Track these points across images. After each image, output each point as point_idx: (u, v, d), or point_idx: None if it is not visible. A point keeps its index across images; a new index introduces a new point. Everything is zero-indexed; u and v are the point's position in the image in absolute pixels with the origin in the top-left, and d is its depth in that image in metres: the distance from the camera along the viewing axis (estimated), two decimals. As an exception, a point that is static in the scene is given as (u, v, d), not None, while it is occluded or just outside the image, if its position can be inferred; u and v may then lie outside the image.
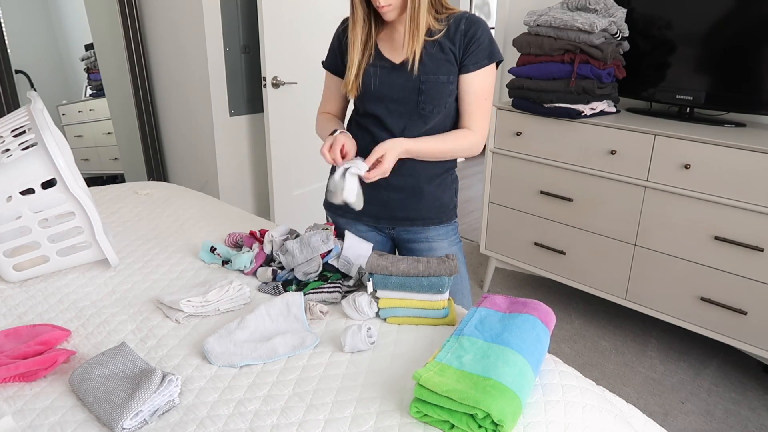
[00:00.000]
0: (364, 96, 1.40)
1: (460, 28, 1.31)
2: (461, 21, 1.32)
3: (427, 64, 1.32)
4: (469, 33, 1.31)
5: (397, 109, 1.37)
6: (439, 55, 1.32)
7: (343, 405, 0.94)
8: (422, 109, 1.35)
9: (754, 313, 2.00)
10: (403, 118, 1.37)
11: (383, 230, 1.51)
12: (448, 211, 1.49)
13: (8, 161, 1.25)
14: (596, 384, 1.04)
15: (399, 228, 1.49)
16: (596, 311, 2.70)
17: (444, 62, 1.32)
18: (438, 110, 1.36)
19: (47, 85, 3.22)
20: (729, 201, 1.97)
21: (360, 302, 1.18)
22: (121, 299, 1.29)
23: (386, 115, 1.38)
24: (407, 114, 1.37)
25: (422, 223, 1.47)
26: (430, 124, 1.38)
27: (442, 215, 1.48)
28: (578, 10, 2.30)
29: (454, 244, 1.50)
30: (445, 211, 1.48)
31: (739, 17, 2.07)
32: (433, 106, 1.35)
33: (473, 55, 1.31)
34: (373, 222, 1.49)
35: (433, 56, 1.32)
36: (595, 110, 2.29)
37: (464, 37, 1.31)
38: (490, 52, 1.32)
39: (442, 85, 1.33)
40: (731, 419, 2.02)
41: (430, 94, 1.34)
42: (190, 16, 2.88)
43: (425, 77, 1.32)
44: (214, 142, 3.04)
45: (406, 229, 1.48)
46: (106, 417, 0.88)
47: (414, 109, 1.36)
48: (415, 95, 1.34)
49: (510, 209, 2.62)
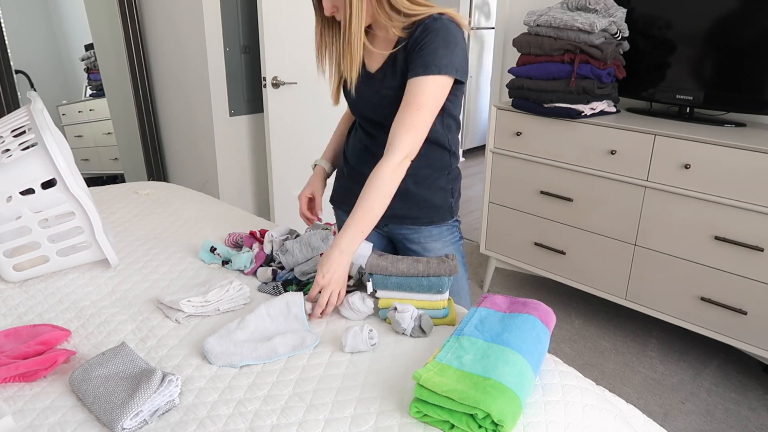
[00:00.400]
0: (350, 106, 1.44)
1: (415, 34, 1.23)
2: (419, 26, 1.23)
3: (388, 77, 1.29)
4: (419, 39, 1.22)
5: (371, 119, 1.37)
6: (400, 65, 1.27)
7: (343, 405, 0.94)
8: (387, 121, 1.30)
9: (754, 313, 2.00)
10: (375, 126, 1.37)
11: (377, 227, 1.51)
12: (441, 212, 1.44)
13: (8, 161, 1.25)
14: (596, 384, 1.04)
15: (391, 225, 1.47)
16: (596, 311, 2.70)
17: (399, 73, 1.27)
18: None
19: (47, 85, 3.22)
20: (729, 201, 1.97)
21: (353, 301, 1.18)
22: (121, 299, 1.29)
23: (363, 122, 1.40)
24: (377, 123, 1.36)
25: (411, 222, 1.44)
26: None
27: (433, 216, 1.43)
28: (578, 10, 2.30)
29: (448, 245, 1.46)
30: (437, 212, 1.43)
31: (739, 17, 2.07)
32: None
33: (413, 62, 1.22)
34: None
35: (394, 68, 1.28)
36: (595, 110, 2.29)
37: (415, 44, 1.22)
38: (427, 62, 1.20)
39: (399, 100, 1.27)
40: (731, 419, 2.02)
41: (392, 109, 1.28)
42: (190, 16, 2.88)
43: (386, 91, 1.29)
44: (214, 142, 3.05)
45: (397, 226, 1.47)
46: (106, 417, 0.88)
47: (382, 120, 1.33)
48: (381, 108, 1.32)
49: (510, 209, 2.62)
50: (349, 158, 1.49)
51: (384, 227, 1.50)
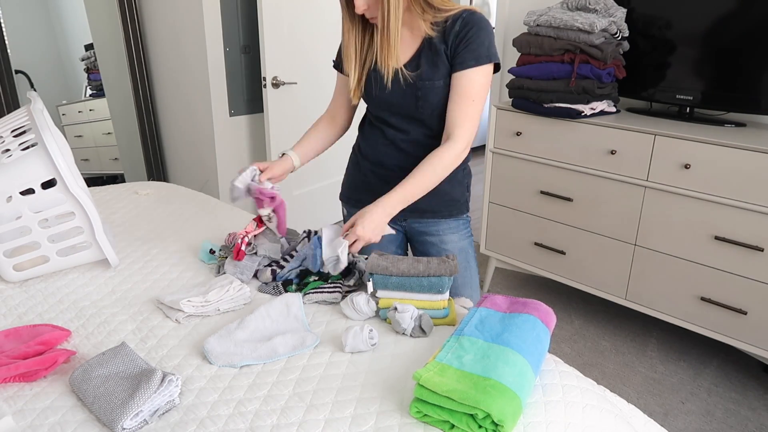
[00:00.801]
0: (369, 101, 1.44)
1: (455, 28, 1.29)
2: (457, 21, 1.29)
3: (424, 69, 1.32)
4: (461, 33, 1.28)
5: (398, 112, 1.39)
6: (434, 58, 1.31)
7: (343, 405, 0.94)
8: (421, 113, 1.36)
9: (754, 313, 2.00)
10: (405, 120, 1.39)
11: (394, 221, 1.52)
12: (459, 206, 1.50)
13: (8, 161, 1.25)
14: (596, 384, 1.04)
15: (411, 219, 1.51)
16: (596, 311, 2.70)
17: (439, 64, 1.31)
18: (438, 112, 1.36)
19: (47, 85, 3.22)
20: (729, 201, 1.97)
21: (358, 301, 1.18)
22: (121, 299, 1.29)
23: (390, 117, 1.42)
24: (407, 116, 1.39)
25: (432, 215, 1.48)
26: (435, 128, 1.38)
27: (452, 209, 1.49)
28: (578, 10, 2.30)
29: (464, 238, 1.52)
30: (455, 205, 1.49)
31: (739, 17, 2.07)
32: (431, 110, 1.35)
33: (460, 55, 1.28)
34: None
35: (429, 60, 1.32)
36: (595, 110, 2.29)
37: (456, 38, 1.29)
38: (477, 53, 1.28)
39: (438, 89, 1.33)
40: (731, 419, 2.02)
41: (427, 99, 1.34)
42: (190, 16, 2.88)
43: (421, 83, 1.32)
44: (214, 142, 3.05)
45: (417, 220, 1.50)
46: (106, 417, 0.88)
47: (414, 113, 1.37)
48: (413, 100, 1.35)
49: (510, 209, 2.62)
50: (369, 155, 1.49)
51: (403, 221, 1.51)
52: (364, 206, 1.50)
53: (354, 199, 1.56)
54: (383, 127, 1.45)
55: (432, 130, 1.39)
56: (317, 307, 1.25)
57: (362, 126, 1.54)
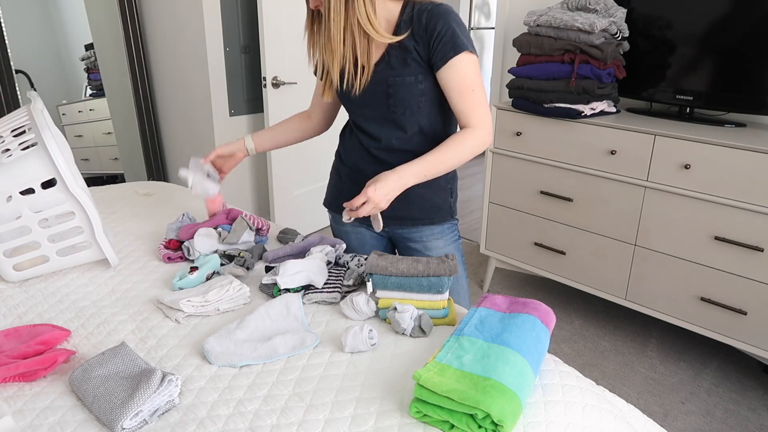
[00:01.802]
0: (343, 103, 1.41)
1: (422, 23, 1.23)
2: (423, 15, 1.24)
3: (393, 65, 1.28)
4: (429, 28, 1.23)
5: (371, 114, 1.36)
6: (404, 54, 1.27)
7: (343, 405, 0.94)
8: (393, 111, 1.32)
9: (754, 313, 2.01)
10: (378, 123, 1.36)
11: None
12: (441, 212, 1.45)
13: (8, 161, 1.25)
14: (596, 384, 1.04)
15: (392, 226, 1.48)
16: (596, 311, 2.70)
17: (410, 61, 1.27)
18: (410, 111, 1.32)
19: (47, 85, 3.22)
20: (729, 201, 1.97)
21: (358, 302, 1.18)
22: (121, 299, 1.29)
23: (364, 122, 1.38)
24: (380, 117, 1.35)
25: (412, 223, 1.45)
26: (408, 130, 1.34)
27: (434, 216, 1.45)
28: (578, 10, 2.30)
29: (450, 243, 1.48)
30: (438, 212, 1.45)
31: (740, 17, 2.07)
32: (404, 109, 1.31)
33: (438, 51, 1.23)
34: (364, 219, 1.49)
35: (397, 56, 1.28)
36: (595, 110, 2.29)
37: (425, 33, 1.23)
38: (453, 44, 1.22)
39: (409, 86, 1.28)
40: (731, 419, 2.02)
41: (398, 96, 1.29)
42: (190, 16, 2.88)
43: (392, 79, 1.28)
44: (214, 142, 3.05)
45: (398, 227, 1.47)
46: (106, 417, 0.88)
47: (386, 113, 1.33)
48: (385, 98, 1.31)
49: (510, 209, 2.62)
50: (346, 161, 1.48)
51: (385, 228, 1.50)
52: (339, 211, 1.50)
53: (335, 206, 1.53)
54: (359, 134, 1.42)
55: (405, 133, 1.35)
56: (317, 307, 1.25)
57: (343, 132, 1.51)
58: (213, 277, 1.35)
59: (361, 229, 1.52)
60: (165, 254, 1.46)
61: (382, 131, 1.37)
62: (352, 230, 1.53)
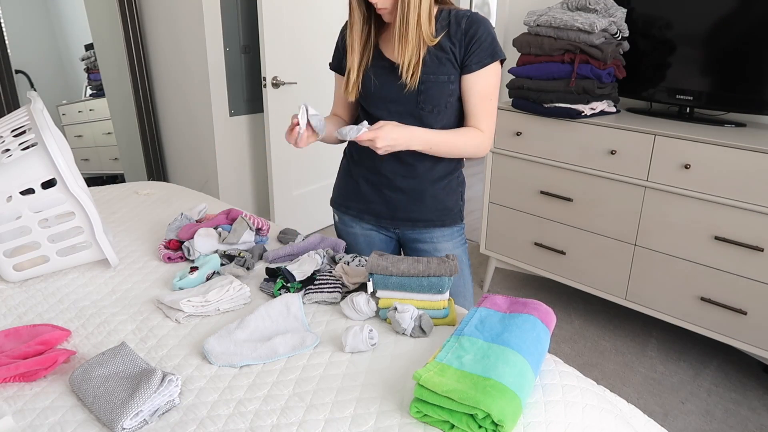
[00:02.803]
0: (366, 98, 1.40)
1: (461, 27, 1.29)
2: (462, 20, 1.29)
3: (428, 64, 1.31)
4: (470, 32, 1.28)
5: (397, 109, 1.37)
6: (439, 54, 1.30)
7: (343, 405, 0.94)
8: (422, 108, 1.34)
9: (754, 313, 2.00)
10: (403, 118, 1.37)
11: (386, 229, 1.51)
12: (452, 215, 1.48)
13: (8, 161, 1.25)
14: (596, 384, 1.04)
15: (402, 228, 1.49)
16: (596, 311, 2.70)
17: (444, 61, 1.30)
18: (438, 110, 1.34)
19: (47, 85, 3.22)
20: (729, 201, 1.97)
21: (358, 302, 1.18)
22: (121, 299, 1.29)
23: (387, 116, 1.38)
24: (407, 114, 1.36)
25: (424, 224, 1.46)
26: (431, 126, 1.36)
27: (445, 218, 1.47)
28: (578, 10, 2.30)
29: (458, 246, 1.49)
30: (449, 214, 1.47)
31: (740, 17, 2.07)
32: (432, 106, 1.34)
33: (475, 55, 1.29)
34: (375, 221, 1.49)
35: (433, 55, 1.31)
36: (595, 110, 2.29)
37: (465, 36, 1.29)
38: (492, 50, 1.29)
39: (441, 85, 1.32)
40: (731, 419, 2.02)
41: (429, 94, 1.32)
42: (190, 16, 2.88)
43: (425, 77, 1.31)
44: (214, 142, 3.05)
45: (409, 229, 1.48)
46: (106, 417, 0.88)
47: (414, 110, 1.35)
48: (415, 95, 1.33)
49: (510, 209, 2.62)
50: (360, 160, 1.48)
51: (394, 229, 1.50)
52: (355, 213, 1.50)
53: (344, 206, 1.54)
54: None
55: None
56: (317, 307, 1.25)
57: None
58: (213, 277, 1.35)
59: (371, 231, 1.52)
60: (165, 254, 1.47)
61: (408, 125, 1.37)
62: (360, 232, 1.53)
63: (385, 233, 1.52)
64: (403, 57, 1.28)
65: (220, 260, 1.39)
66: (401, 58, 1.29)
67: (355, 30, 1.33)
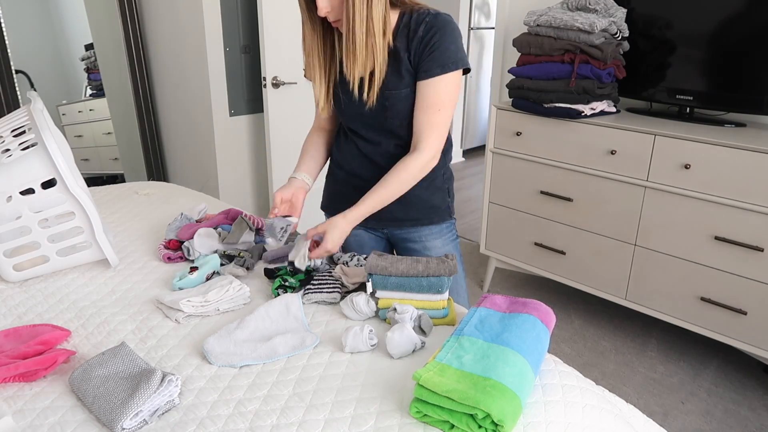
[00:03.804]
0: (339, 113, 1.40)
1: (419, 33, 1.22)
2: (421, 25, 1.22)
3: (388, 78, 1.26)
4: (426, 38, 1.21)
5: (370, 123, 1.35)
6: (398, 66, 1.26)
7: (343, 405, 0.94)
8: (390, 123, 1.32)
9: (754, 313, 2.00)
10: (376, 131, 1.36)
11: (375, 229, 1.51)
12: (440, 212, 1.46)
13: (8, 161, 1.25)
14: (596, 384, 1.04)
15: (390, 228, 1.48)
16: (596, 311, 2.70)
17: (404, 73, 1.26)
18: (407, 123, 1.31)
19: (47, 85, 3.22)
20: (729, 201, 1.97)
21: (358, 302, 1.18)
22: (121, 299, 1.29)
23: (361, 129, 1.38)
24: (378, 127, 1.35)
25: (411, 224, 1.45)
26: (405, 136, 1.34)
27: (432, 216, 1.45)
28: (578, 10, 2.30)
29: (449, 243, 1.48)
30: (437, 212, 1.45)
31: (740, 17, 2.07)
32: (400, 120, 1.31)
33: (425, 62, 1.22)
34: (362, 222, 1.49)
35: (393, 68, 1.26)
36: (595, 110, 2.29)
37: (420, 43, 1.22)
38: (443, 61, 1.21)
39: (405, 98, 1.28)
40: (731, 419, 2.02)
41: (395, 110, 1.29)
42: (190, 16, 2.88)
43: (387, 93, 1.27)
44: (214, 142, 3.05)
45: (397, 229, 1.47)
46: (106, 417, 0.88)
47: (383, 124, 1.33)
48: (381, 110, 1.30)
49: (510, 209, 2.62)
50: (343, 165, 1.47)
51: (383, 230, 1.50)
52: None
53: (332, 209, 1.51)
54: (356, 139, 1.41)
55: (402, 140, 1.35)
56: (317, 307, 1.25)
57: (337, 136, 1.50)
58: (213, 277, 1.35)
59: (360, 231, 1.52)
60: (165, 254, 1.47)
61: (381, 138, 1.37)
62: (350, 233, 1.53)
63: (375, 233, 1.52)
64: (353, 73, 1.23)
65: (219, 260, 1.39)
66: (350, 75, 1.24)
67: (308, 44, 1.29)
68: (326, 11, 1.19)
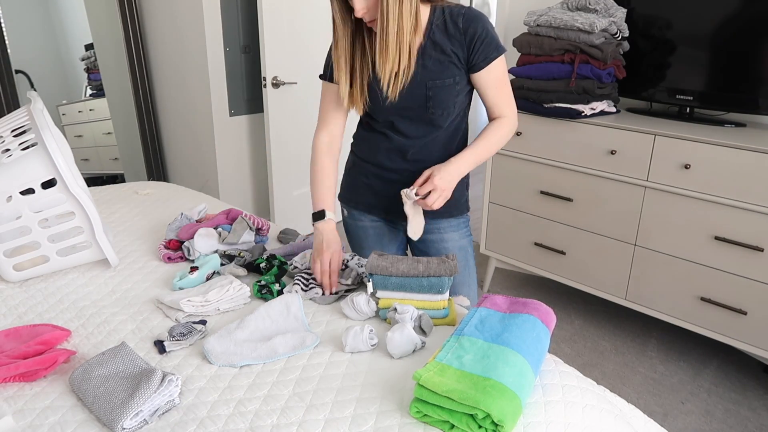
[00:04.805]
0: (375, 108, 1.39)
1: (459, 26, 1.28)
2: (459, 19, 1.28)
3: (431, 69, 1.30)
4: (470, 31, 1.28)
5: (408, 114, 1.37)
6: (441, 57, 1.30)
7: (343, 405, 0.94)
8: (432, 113, 1.35)
9: (754, 313, 2.00)
10: (414, 122, 1.38)
11: (394, 222, 1.52)
12: (459, 206, 1.49)
13: (8, 161, 1.25)
14: (596, 384, 1.04)
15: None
16: (596, 311, 2.70)
17: (447, 64, 1.30)
18: (447, 113, 1.35)
19: (47, 85, 3.22)
20: (729, 201, 1.97)
21: (358, 302, 1.19)
22: (121, 299, 1.29)
23: (399, 121, 1.39)
24: (417, 119, 1.37)
25: (432, 216, 1.47)
26: (442, 127, 1.38)
27: (452, 209, 1.48)
28: (578, 10, 2.30)
29: (464, 237, 1.52)
30: (455, 205, 1.48)
31: (739, 17, 2.07)
32: (442, 110, 1.34)
33: (480, 53, 1.29)
34: (384, 214, 1.50)
35: (434, 59, 1.30)
36: (595, 110, 2.29)
37: (465, 36, 1.28)
38: (495, 44, 1.30)
39: (448, 88, 1.32)
40: (731, 419, 2.02)
41: (438, 99, 1.32)
42: (190, 16, 2.88)
43: (431, 83, 1.31)
44: (214, 142, 3.05)
45: None
46: (106, 417, 0.88)
47: (423, 115, 1.36)
48: (424, 101, 1.33)
49: (510, 209, 2.62)
50: (370, 159, 1.47)
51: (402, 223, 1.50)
52: (365, 207, 1.51)
53: (353, 201, 1.54)
54: (389, 132, 1.41)
55: (439, 131, 1.38)
56: (317, 307, 1.25)
57: (358, 130, 1.51)
58: (213, 277, 1.35)
59: (379, 223, 1.53)
60: (165, 254, 1.47)
61: (419, 130, 1.39)
62: (369, 224, 1.54)
63: (393, 226, 1.53)
64: (383, 70, 1.27)
65: (220, 260, 1.39)
66: (381, 71, 1.28)
67: (341, 44, 1.30)
68: (363, 12, 1.23)
